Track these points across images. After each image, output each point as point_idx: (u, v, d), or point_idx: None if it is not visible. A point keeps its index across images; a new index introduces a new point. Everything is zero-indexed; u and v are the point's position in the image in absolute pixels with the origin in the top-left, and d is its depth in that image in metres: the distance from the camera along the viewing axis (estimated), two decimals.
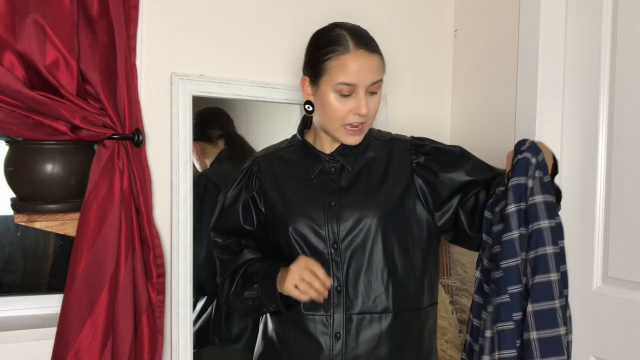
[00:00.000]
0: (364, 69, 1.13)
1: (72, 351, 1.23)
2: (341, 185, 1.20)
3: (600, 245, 1.39)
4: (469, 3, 1.77)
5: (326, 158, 1.22)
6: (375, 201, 1.19)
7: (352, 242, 1.17)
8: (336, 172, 1.22)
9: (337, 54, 1.14)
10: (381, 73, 1.17)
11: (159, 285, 1.37)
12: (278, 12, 1.58)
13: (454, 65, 1.83)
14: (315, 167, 1.22)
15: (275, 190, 1.23)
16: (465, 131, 1.78)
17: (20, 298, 1.45)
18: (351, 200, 1.19)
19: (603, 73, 1.38)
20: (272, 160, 1.27)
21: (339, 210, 1.18)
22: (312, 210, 1.18)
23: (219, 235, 1.28)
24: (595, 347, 1.39)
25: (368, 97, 1.15)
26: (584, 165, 1.43)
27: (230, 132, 1.94)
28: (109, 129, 1.29)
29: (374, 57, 1.15)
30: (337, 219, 1.17)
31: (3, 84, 1.17)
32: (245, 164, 1.29)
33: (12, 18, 1.19)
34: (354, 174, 1.22)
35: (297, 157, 1.26)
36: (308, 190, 1.21)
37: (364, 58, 1.14)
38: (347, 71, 1.13)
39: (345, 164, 1.22)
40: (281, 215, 1.21)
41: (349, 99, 1.14)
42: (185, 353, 1.46)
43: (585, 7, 1.43)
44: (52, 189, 1.29)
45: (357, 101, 1.14)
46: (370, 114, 1.17)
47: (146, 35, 1.42)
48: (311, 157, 1.24)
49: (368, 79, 1.14)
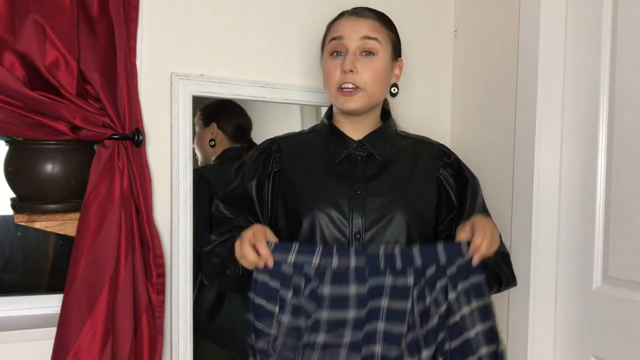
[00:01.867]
0: (353, 25, 1.19)
1: (72, 351, 1.23)
2: (368, 174, 1.18)
3: (600, 245, 1.39)
4: (469, 3, 1.77)
5: (354, 144, 1.21)
6: (405, 196, 1.18)
7: (377, 234, 1.14)
8: (362, 160, 1.20)
9: (332, 23, 1.25)
10: (376, 34, 1.19)
11: (159, 285, 1.37)
12: (278, 12, 1.58)
13: (454, 65, 1.83)
14: (342, 152, 1.21)
15: (297, 173, 1.20)
16: (465, 131, 1.78)
17: (20, 298, 1.44)
18: (379, 191, 1.17)
19: (603, 73, 1.38)
20: (294, 142, 1.26)
21: (366, 199, 1.15)
22: (337, 197, 1.16)
23: (226, 206, 1.24)
24: (595, 347, 1.39)
25: (361, 57, 1.17)
26: (584, 165, 1.43)
27: (251, 141, 1.96)
28: (109, 129, 1.29)
29: (364, 19, 1.20)
30: (362, 208, 1.15)
31: (3, 84, 1.17)
32: (263, 143, 1.27)
33: (12, 18, 1.19)
34: (381, 164, 1.20)
35: (323, 141, 1.24)
36: (333, 175, 1.19)
37: (354, 19, 1.20)
38: (337, 28, 1.21)
39: (374, 152, 1.21)
40: (304, 199, 1.17)
41: (340, 57, 1.18)
42: (185, 353, 1.46)
43: (585, 7, 1.43)
44: (52, 189, 1.29)
45: (345, 58, 1.17)
46: (364, 79, 1.16)
47: (146, 35, 1.42)
48: (338, 142, 1.22)
49: (357, 32, 1.17)
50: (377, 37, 1.18)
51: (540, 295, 1.48)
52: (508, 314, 1.55)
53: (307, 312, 1.05)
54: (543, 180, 1.47)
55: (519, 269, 1.52)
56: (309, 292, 1.05)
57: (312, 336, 1.04)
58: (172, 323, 1.45)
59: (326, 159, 1.21)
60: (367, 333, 1.05)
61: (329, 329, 1.04)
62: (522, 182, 1.51)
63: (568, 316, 1.47)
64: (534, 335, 1.48)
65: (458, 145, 1.79)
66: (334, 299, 1.04)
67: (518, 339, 1.52)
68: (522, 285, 1.50)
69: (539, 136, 1.47)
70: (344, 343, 1.04)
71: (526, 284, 1.48)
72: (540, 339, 1.49)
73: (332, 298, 1.04)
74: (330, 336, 1.04)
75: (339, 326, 1.04)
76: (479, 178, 1.30)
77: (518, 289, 1.52)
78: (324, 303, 1.04)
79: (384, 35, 1.20)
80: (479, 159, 1.69)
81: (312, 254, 1.05)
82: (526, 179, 1.49)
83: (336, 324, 1.04)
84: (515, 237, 1.53)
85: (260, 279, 1.05)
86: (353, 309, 1.04)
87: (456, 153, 1.31)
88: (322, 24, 1.30)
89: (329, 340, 1.04)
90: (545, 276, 1.48)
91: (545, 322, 1.49)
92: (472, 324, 1.06)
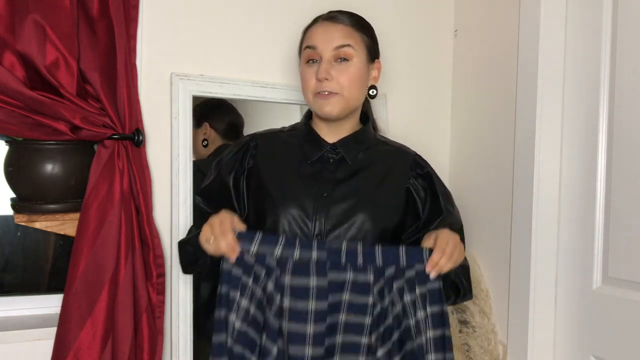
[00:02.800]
0: (326, 33, 1.19)
1: (72, 351, 1.23)
2: (337, 177, 1.20)
3: (600, 245, 1.39)
4: (469, 3, 1.77)
5: (327, 147, 1.22)
6: (370, 202, 1.19)
7: (338, 237, 1.16)
8: (335, 163, 1.22)
9: (307, 30, 1.24)
10: (349, 40, 1.19)
11: (159, 285, 1.37)
12: (278, 12, 1.58)
13: (454, 65, 1.83)
14: (315, 154, 1.22)
15: (269, 170, 1.23)
16: (465, 131, 1.78)
17: (20, 298, 1.44)
18: (344, 194, 1.18)
19: (603, 73, 1.38)
20: (272, 139, 1.28)
21: (330, 202, 1.17)
22: (303, 198, 1.18)
23: (204, 201, 1.31)
24: (595, 347, 1.39)
25: (336, 64, 1.18)
26: (584, 165, 1.43)
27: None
28: (109, 129, 1.29)
29: (338, 25, 1.20)
30: (327, 211, 1.16)
31: (3, 84, 1.17)
32: (243, 138, 1.30)
33: (12, 18, 1.19)
34: (352, 169, 1.22)
35: (299, 141, 1.26)
36: (303, 176, 1.21)
37: (327, 25, 1.20)
38: (310, 36, 1.21)
39: (346, 157, 1.22)
40: (271, 197, 1.20)
41: (316, 65, 1.19)
42: (185, 353, 1.46)
43: (585, 7, 1.43)
44: (52, 189, 1.29)
45: (320, 66, 1.17)
46: (340, 85, 1.17)
47: (146, 35, 1.42)
48: (312, 143, 1.24)
49: (329, 43, 1.17)
50: (350, 44, 1.19)
51: (540, 295, 1.48)
52: (508, 313, 1.55)
53: (269, 303, 1.08)
54: (543, 180, 1.47)
55: (519, 269, 1.52)
56: (271, 284, 1.08)
57: (275, 323, 1.07)
58: (172, 323, 1.45)
59: (299, 160, 1.23)
60: (329, 325, 1.07)
61: (291, 318, 1.06)
62: (522, 182, 1.51)
63: (568, 316, 1.47)
64: (534, 335, 1.48)
65: (458, 145, 1.80)
66: (294, 289, 1.07)
67: (518, 339, 1.52)
68: (522, 285, 1.50)
69: (539, 136, 1.46)
70: (307, 333, 1.06)
71: (526, 284, 1.48)
72: (540, 339, 1.49)
73: (293, 288, 1.07)
74: (293, 325, 1.06)
75: (301, 316, 1.07)
76: (478, 177, 1.30)
77: (518, 289, 1.52)
78: (285, 292, 1.07)
79: (357, 40, 1.21)
80: (479, 159, 1.69)
81: (275, 244, 1.08)
82: (526, 179, 1.49)
83: (297, 313, 1.07)
84: (515, 237, 1.53)
85: (225, 267, 1.09)
86: (313, 301, 1.07)
87: (456, 153, 1.31)
88: None
89: (292, 329, 1.06)
90: (545, 276, 1.48)
91: (545, 322, 1.49)
92: (424, 329, 1.09)
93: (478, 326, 1.64)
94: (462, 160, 1.77)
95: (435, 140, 1.80)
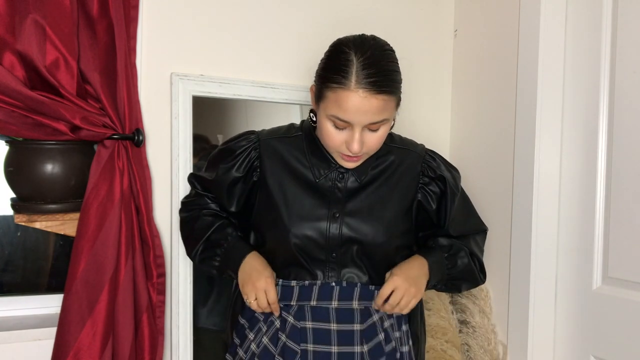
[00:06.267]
0: (360, 110, 1.02)
1: (72, 351, 1.23)
2: (346, 195, 1.17)
3: (600, 245, 1.39)
4: (469, 3, 1.77)
5: (336, 166, 1.17)
6: (381, 216, 1.17)
7: (353, 253, 1.16)
8: (344, 180, 1.18)
9: (336, 87, 1.03)
10: (385, 113, 1.05)
11: (159, 285, 1.37)
12: (279, 12, 1.58)
13: (454, 65, 1.83)
14: (323, 171, 1.18)
15: (278, 186, 1.18)
16: (465, 131, 1.78)
17: (20, 298, 1.44)
18: (356, 211, 1.16)
19: (603, 73, 1.38)
20: (277, 147, 1.20)
21: (342, 220, 1.15)
22: (315, 218, 1.15)
23: (201, 188, 1.28)
24: (595, 347, 1.39)
25: (367, 133, 1.07)
26: (584, 165, 1.43)
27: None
28: (109, 129, 1.29)
29: (376, 99, 1.02)
30: (340, 228, 1.15)
31: (3, 84, 1.16)
32: (243, 140, 1.21)
33: (12, 18, 1.19)
34: (361, 184, 1.18)
35: (305, 153, 1.19)
36: (312, 194, 1.17)
37: (363, 100, 1.02)
38: (342, 108, 1.03)
39: (355, 176, 1.18)
40: (281, 215, 1.16)
41: (345, 131, 1.07)
42: (185, 353, 1.46)
43: (585, 7, 1.43)
44: (52, 189, 1.29)
45: (351, 136, 1.06)
46: (369, 149, 1.10)
47: (146, 35, 1.42)
48: (319, 158, 1.18)
49: (364, 120, 1.04)
50: (386, 118, 1.07)
51: (540, 295, 1.48)
52: (508, 313, 1.55)
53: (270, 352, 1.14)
54: (543, 180, 1.47)
55: (519, 269, 1.52)
56: (281, 340, 1.13)
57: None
58: (172, 323, 1.45)
59: (307, 174, 1.18)
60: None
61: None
62: (522, 182, 1.51)
63: (568, 316, 1.47)
64: (534, 335, 1.48)
65: (458, 145, 1.80)
66: (315, 332, 1.12)
67: (518, 339, 1.52)
68: (522, 285, 1.50)
69: (539, 136, 1.47)
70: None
71: (526, 284, 1.48)
72: (540, 339, 1.49)
73: (314, 330, 1.12)
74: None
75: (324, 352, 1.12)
76: (478, 177, 1.30)
77: (518, 289, 1.52)
78: (307, 337, 1.12)
79: (392, 105, 1.07)
80: (479, 159, 1.69)
81: (291, 297, 1.15)
82: (526, 179, 1.49)
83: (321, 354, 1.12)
84: (515, 237, 1.53)
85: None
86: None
87: (456, 153, 1.30)
88: (322, 24, 1.30)
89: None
90: (545, 276, 1.48)
91: (545, 322, 1.49)
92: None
93: (478, 326, 1.64)
94: (462, 160, 1.77)
95: (435, 140, 1.80)
